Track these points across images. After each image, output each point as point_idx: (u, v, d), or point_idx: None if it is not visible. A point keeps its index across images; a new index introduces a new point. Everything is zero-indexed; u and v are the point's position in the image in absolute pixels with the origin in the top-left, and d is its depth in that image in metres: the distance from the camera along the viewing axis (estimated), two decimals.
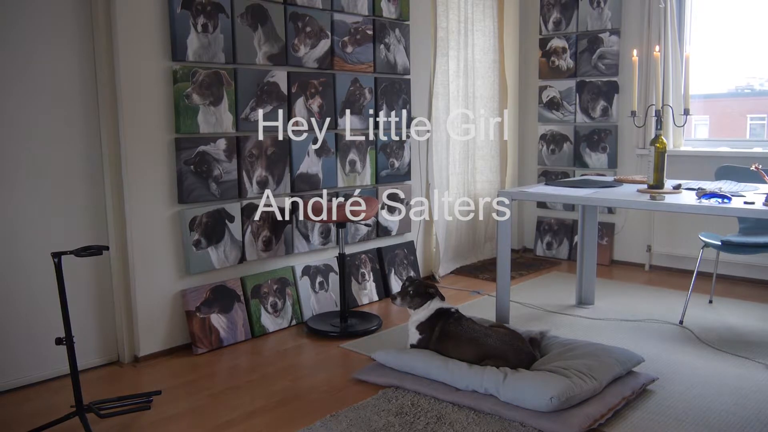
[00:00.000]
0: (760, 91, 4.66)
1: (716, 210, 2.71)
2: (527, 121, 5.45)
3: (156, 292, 3.14)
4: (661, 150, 3.11)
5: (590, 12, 4.94)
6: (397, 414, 2.49)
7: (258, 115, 3.42)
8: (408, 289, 2.96)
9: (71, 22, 2.88)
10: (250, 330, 3.43)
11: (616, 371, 2.64)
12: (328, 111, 3.78)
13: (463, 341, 2.79)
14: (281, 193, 3.59)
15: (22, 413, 2.58)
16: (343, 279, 3.56)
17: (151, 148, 3.06)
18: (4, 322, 2.77)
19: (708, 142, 4.73)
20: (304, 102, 3.65)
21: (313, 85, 3.68)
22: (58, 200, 2.90)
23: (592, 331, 3.42)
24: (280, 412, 2.56)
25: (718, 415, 2.47)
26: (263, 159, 3.48)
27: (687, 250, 4.57)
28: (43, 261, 2.82)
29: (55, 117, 2.87)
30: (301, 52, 3.62)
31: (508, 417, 2.43)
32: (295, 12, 3.56)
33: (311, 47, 3.66)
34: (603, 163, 4.99)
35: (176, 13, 3.06)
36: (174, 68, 3.09)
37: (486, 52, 4.99)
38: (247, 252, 3.45)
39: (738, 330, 3.43)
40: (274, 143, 3.53)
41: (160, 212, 3.12)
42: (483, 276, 4.65)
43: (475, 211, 5.03)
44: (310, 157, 3.72)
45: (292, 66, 3.59)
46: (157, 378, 2.92)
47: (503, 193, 3.34)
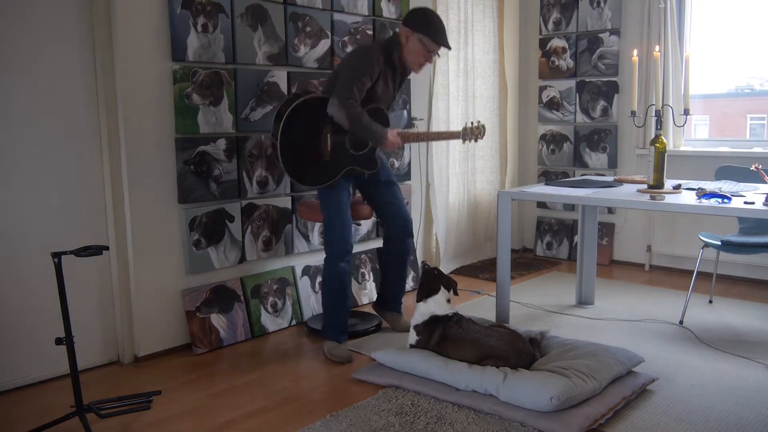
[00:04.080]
0: (760, 91, 4.66)
1: (716, 210, 2.71)
2: (527, 121, 5.45)
3: (156, 292, 3.14)
4: (661, 150, 3.11)
5: (590, 12, 4.94)
6: (397, 414, 2.49)
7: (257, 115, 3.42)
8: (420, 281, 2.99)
9: (71, 22, 2.88)
10: (250, 330, 3.43)
11: (616, 371, 2.64)
12: None
13: (463, 343, 2.79)
14: (281, 193, 3.59)
15: (22, 413, 2.58)
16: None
17: (151, 148, 3.06)
18: (4, 322, 2.78)
19: (708, 142, 4.73)
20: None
21: (313, 85, 3.68)
22: (58, 200, 2.90)
23: (592, 331, 3.42)
24: (280, 412, 2.57)
25: (718, 415, 2.47)
26: (263, 159, 3.48)
27: (687, 250, 4.57)
28: (43, 261, 2.82)
29: (55, 117, 2.87)
30: (301, 52, 3.62)
31: (508, 417, 2.43)
32: (295, 12, 3.56)
33: (311, 47, 3.66)
34: (603, 163, 4.99)
35: (176, 13, 3.06)
36: (174, 68, 3.09)
37: (486, 52, 4.99)
38: (247, 252, 3.45)
39: (738, 330, 3.43)
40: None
41: (160, 212, 3.12)
42: (483, 276, 4.65)
43: (475, 211, 5.03)
44: None
45: (292, 66, 3.59)
46: (157, 378, 2.92)
47: (503, 193, 3.34)
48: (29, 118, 2.79)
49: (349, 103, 2.89)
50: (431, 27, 2.95)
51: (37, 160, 2.83)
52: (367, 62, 2.94)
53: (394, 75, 3.10)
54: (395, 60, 3.05)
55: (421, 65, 3.06)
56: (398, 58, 3.05)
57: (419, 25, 2.96)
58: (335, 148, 3.04)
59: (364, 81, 2.92)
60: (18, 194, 2.78)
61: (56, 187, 2.89)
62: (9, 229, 2.77)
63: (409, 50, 3.02)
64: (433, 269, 3.02)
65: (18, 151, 2.77)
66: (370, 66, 2.93)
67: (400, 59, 3.06)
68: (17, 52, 2.74)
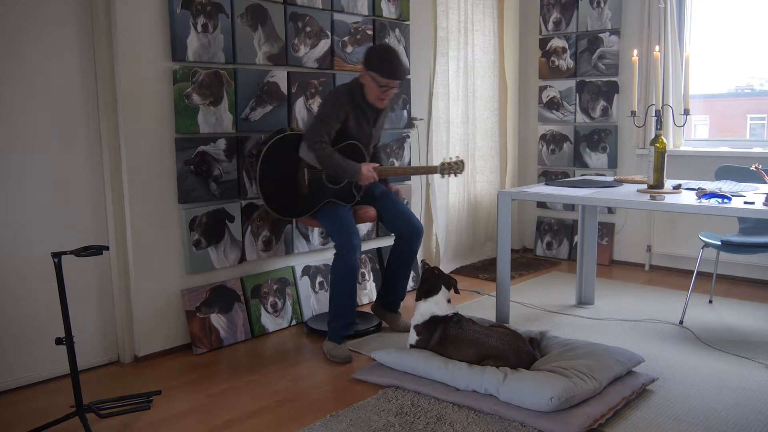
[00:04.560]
0: (760, 91, 4.66)
1: (716, 210, 2.71)
2: (527, 121, 5.45)
3: (156, 292, 3.14)
4: (661, 150, 3.11)
5: (590, 12, 4.95)
6: (397, 414, 2.49)
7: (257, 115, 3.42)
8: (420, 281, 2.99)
9: (71, 22, 2.88)
10: (250, 330, 3.43)
11: (616, 371, 2.64)
12: None
13: (463, 343, 2.79)
14: None
15: (22, 413, 2.58)
16: None
17: (151, 148, 3.07)
18: (4, 322, 2.78)
19: (708, 142, 4.73)
20: (304, 102, 3.65)
21: (313, 85, 3.68)
22: (58, 200, 2.90)
23: (592, 331, 3.42)
24: (280, 412, 2.57)
25: (718, 415, 2.47)
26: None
27: (687, 250, 4.58)
28: (43, 261, 2.82)
29: (56, 117, 2.87)
30: (301, 52, 3.62)
31: (508, 417, 2.43)
32: (295, 12, 3.56)
33: (311, 47, 3.66)
34: (603, 163, 4.99)
35: (176, 13, 3.06)
36: (174, 68, 3.09)
37: (486, 52, 4.99)
38: (247, 252, 3.45)
39: (738, 330, 3.43)
40: None
41: (160, 212, 3.12)
42: (483, 276, 4.65)
43: (475, 211, 5.03)
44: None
45: (292, 66, 3.59)
46: (157, 378, 2.92)
47: (503, 193, 3.34)
48: (29, 118, 2.79)
49: (317, 146, 3.06)
50: (380, 63, 3.07)
51: (37, 159, 2.83)
52: (333, 106, 3.11)
53: (365, 113, 3.21)
54: (359, 101, 3.17)
55: (382, 100, 3.17)
56: (362, 98, 3.18)
57: (369, 64, 3.10)
58: (312, 183, 3.20)
59: (331, 124, 3.08)
60: (18, 194, 2.78)
61: (56, 187, 2.89)
62: (9, 229, 2.77)
63: (365, 87, 3.15)
64: (434, 268, 3.02)
65: (18, 150, 2.77)
66: (336, 110, 3.10)
67: (363, 99, 3.18)
68: (17, 52, 2.74)
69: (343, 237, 3.10)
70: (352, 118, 3.16)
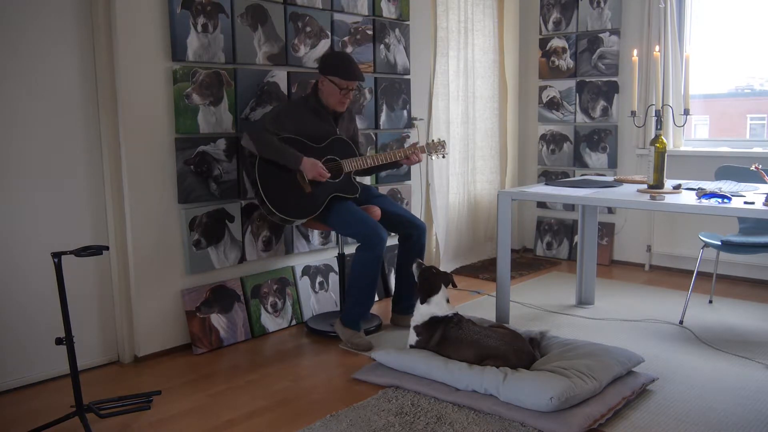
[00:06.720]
0: (760, 91, 4.66)
1: (716, 210, 2.71)
2: (527, 121, 5.45)
3: (156, 292, 3.14)
4: (661, 150, 3.11)
5: (590, 12, 4.94)
6: (397, 414, 2.49)
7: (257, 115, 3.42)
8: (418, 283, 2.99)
9: (71, 22, 2.88)
10: (250, 330, 3.43)
11: (616, 371, 2.64)
12: None
13: (463, 344, 2.79)
14: None
15: (22, 413, 2.58)
16: (343, 279, 3.56)
17: (151, 148, 3.06)
18: (4, 322, 2.78)
19: (708, 142, 4.73)
20: None
21: None
22: (58, 200, 2.90)
23: (592, 331, 3.42)
24: (280, 412, 2.57)
25: (718, 415, 2.47)
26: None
27: (687, 250, 4.57)
28: (43, 261, 2.82)
29: (55, 117, 2.87)
30: (301, 52, 3.62)
31: (508, 417, 2.43)
32: (295, 12, 3.56)
33: (311, 47, 3.66)
34: (603, 163, 4.99)
35: (176, 13, 3.06)
36: (174, 68, 3.09)
37: (486, 52, 4.99)
38: (247, 252, 3.45)
39: (738, 330, 3.43)
40: None
41: (160, 212, 3.12)
42: (483, 276, 4.65)
43: (475, 211, 5.03)
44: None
45: (292, 66, 3.59)
46: (157, 378, 2.92)
47: (503, 193, 3.34)
48: (29, 118, 2.79)
49: (254, 132, 3.10)
50: (338, 67, 3.18)
51: (37, 159, 2.83)
52: (282, 107, 3.24)
53: (321, 115, 3.28)
54: (313, 103, 3.26)
55: (342, 102, 3.26)
56: (317, 102, 3.26)
57: (327, 69, 3.20)
58: (313, 180, 3.16)
59: (282, 120, 3.15)
60: (18, 194, 2.78)
61: (56, 187, 2.89)
62: (9, 229, 2.77)
63: (325, 93, 3.24)
64: (431, 267, 3.02)
65: (18, 150, 2.77)
66: (285, 109, 3.22)
67: (319, 102, 3.26)
68: (17, 52, 2.74)
69: (368, 229, 3.13)
70: (308, 120, 3.22)
